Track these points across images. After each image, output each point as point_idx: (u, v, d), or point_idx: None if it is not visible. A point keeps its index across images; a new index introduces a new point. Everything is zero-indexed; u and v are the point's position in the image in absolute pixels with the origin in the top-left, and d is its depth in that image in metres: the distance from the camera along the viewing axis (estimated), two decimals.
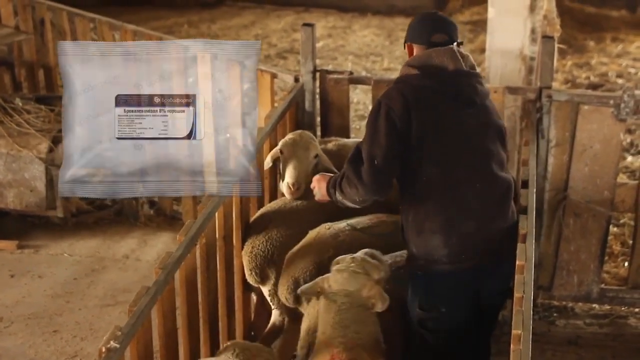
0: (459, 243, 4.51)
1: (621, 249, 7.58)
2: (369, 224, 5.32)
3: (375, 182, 4.48)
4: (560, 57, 11.66)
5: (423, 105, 4.49)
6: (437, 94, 4.53)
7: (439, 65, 4.54)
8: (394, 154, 4.46)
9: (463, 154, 4.53)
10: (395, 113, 4.45)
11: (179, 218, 8.28)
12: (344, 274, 4.42)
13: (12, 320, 6.75)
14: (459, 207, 4.51)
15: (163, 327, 4.43)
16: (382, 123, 4.46)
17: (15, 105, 7.92)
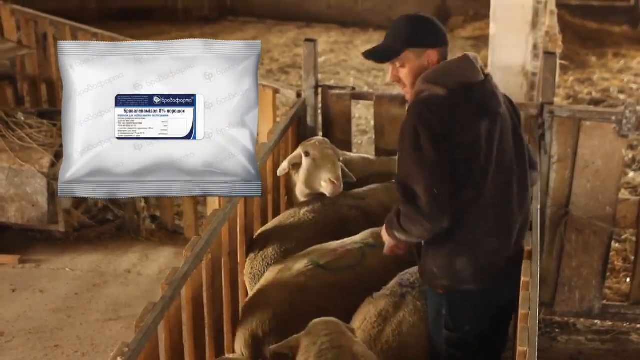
0: (484, 263, 4.45)
1: (623, 265, 7.58)
2: (333, 257, 5.12)
3: (439, 212, 4.27)
4: (562, 72, 11.67)
5: (459, 127, 4.30)
6: (469, 111, 4.33)
7: (464, 81, 4.35)
8: (447, 176, 4.28)
9: (491, 173, 4.39)
10: (438, 136, 4.24)
11: (181, 232, 8.28)
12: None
13: (14, 335, 6.74)
14: (485, 228, 4.43)
15: (170, 343, 4.43)
16: (428, 150, 4.25)
17: (17, 119, 7.94)
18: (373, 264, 5.11)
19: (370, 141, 9.67)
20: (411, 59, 4.43)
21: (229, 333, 5.27)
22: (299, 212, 5.70)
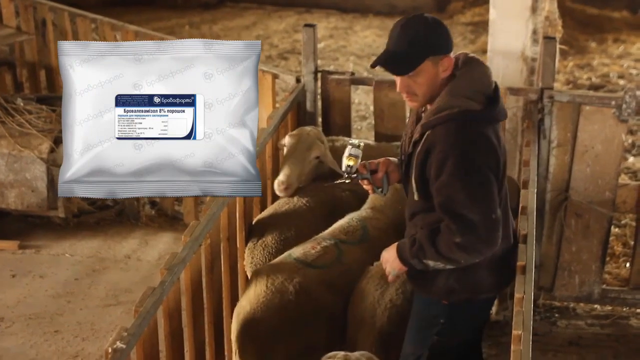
0: (502, 269, 4.44)
1: (623, 250, 7.59)
2: (314, 254, 5.00)
3: (497, 236, 4.15)
4: (561, 58, 11.66)
5: (498, 143, 4.18)
6: (497, 125, 4.23)
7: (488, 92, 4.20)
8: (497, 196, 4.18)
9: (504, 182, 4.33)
10: (487, 157, 4.13)
11: (180, 218, 8.28)
12: None
13: (13, 320, 6.75)
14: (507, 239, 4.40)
15: (169, 328, 4.43)
16: (481, 174, 4.10)
17: (16, 105, 7.92)
18: (351, 260, 5.05)
19: (370, 126, 9.66)
20: (429, 68, 4.15)
21: (228, 318, 5.28)
22: (293, 199, 5.69)
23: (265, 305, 4.68)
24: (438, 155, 4.10)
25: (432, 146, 4.14)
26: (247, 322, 4.71)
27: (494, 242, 4.14)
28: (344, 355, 3.99)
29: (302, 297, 4.73)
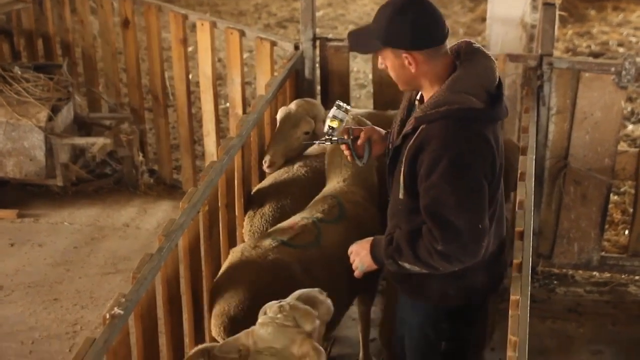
0: (497, 271, 4.31)
1: (621, 217, 7.59)
2: (291, 234, 4.87)
3: (481, 247, 3.91)
4: (561, 26, 11.61)
5: (497, 146, 3.95)
6: (496, 125, 3.99)
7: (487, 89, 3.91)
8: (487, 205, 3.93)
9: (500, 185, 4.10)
10: (483, 161, 3.87)
11: (179, 187, 8.27)
12: (269, 329, 3.81)
13: (13, 289, 6.76)
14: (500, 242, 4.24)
15: (167, 294, 4.44)
16: (474, 178, 3.85)
17: (14, 73, 7.90)
18: (330, 241, 4.92)
19: (369, 95, 9.63)
20: (391, 57, 3.93)
21: None
22: (292, 168, 5.68)
23: (238, 280, 4.58)
24: (431, 154, 3.82)
25: (426, 142, 3.85)
26: (218, 293, 4.60)
27: (477, 253, 3.91)
28: (278, 305, 3.90)
29: (278, 272, 4.60)
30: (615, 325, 6.38)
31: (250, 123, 5.43)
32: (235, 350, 3.83)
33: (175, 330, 4.59)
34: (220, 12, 13.66)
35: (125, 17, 8.05)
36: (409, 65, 3.89)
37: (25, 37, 9.42)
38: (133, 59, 8.22)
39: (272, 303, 3.93)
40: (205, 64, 7.39)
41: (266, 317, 3.87)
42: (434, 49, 3.89)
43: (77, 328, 6.31)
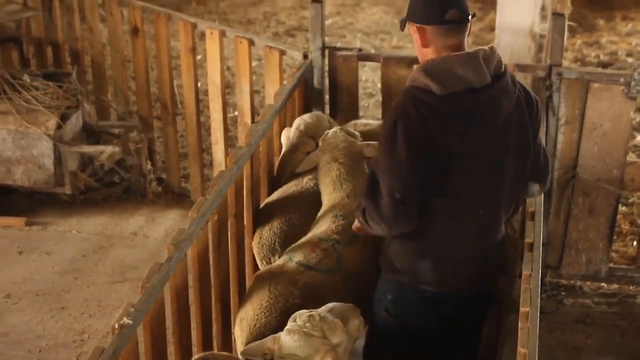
0: (450, 270, 4.28)
1: (630, 228, 7.57)
2: (315, 257, 4.79)
3: (398, 217, 4.06)
4: (570, 35, 11.61)
5: (443, 133, 3.98)
6: (460, 119, 4.01)
7: (463, 80, 3.98)
8: (417, 183, 4.02)
9: (474, 184, 4.13)
10: (418, 140, 3.95)
11: (187, 195, 8.27)
12: (295, 336, 3.89)
13: (20, 297, 6.77)
14: (457, 236, 4.22)
15: (175, 304, 4.43)
16: (402, 149, 3.96)
17: (23, 81, 7.91)
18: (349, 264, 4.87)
19: (377, 104, 9.64)
20: (411, 32, 4.15)
21: (235, 294, 5.28)
22: (302, 181, 5.66)
23: (268, 310, 4.51)
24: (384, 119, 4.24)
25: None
26: (250, 327, 4.54)
27: (395, 223, 4.08)
28: (308, 314, 3.97)
29: (309, 300, 4.53)
30: (624, 337, 6.37)
31: (260, 132, 5.43)
32: (260, 353, 3.91)
33: (184, 340, 4.58)
34: (229, 21, 13.68)
35: (135, 25, 8.06)
36: (417, 39, 4.09)
37: (35, 44, 9.44)
38: (142, 67, 8.23)
39: (303, 311, 4.01)
40: (214, 73, 7.40)
41: (294, 324, 3.93)
42: (439, 29, 4.03)
43: (85, 337, 6.32)
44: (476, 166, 4.11)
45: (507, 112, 4.10)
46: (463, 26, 4.06)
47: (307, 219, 5.24)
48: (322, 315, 3.99)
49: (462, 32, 4.07)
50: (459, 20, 4.02)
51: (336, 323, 3.99)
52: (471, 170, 4.10)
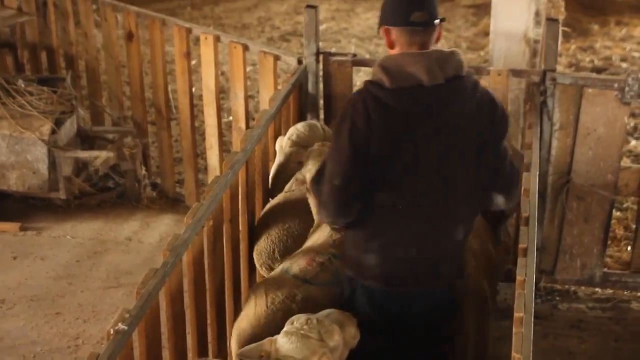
0: (394, 267, 4.30)
1: (624, 233, 7.58)
2: (312, 270, 4.75)
3: (335, 205, 4.20)
4: (564, 40, 11.63)
5: (385, 127, 4.08)
6: (404, 117, 4.10)
7: (413, 77, 4.06)
8: (356, 174, 4.12)
9: (418, 182, 4.17)
10: (358, 131, 4.07)
11: (182, 200, 8.27)
12: (292, 338, 3.92)
13: (14, 302, 6.76)
14: (402, 233, 4.24)
15: (171, 309, 4.43)
16: (345, 139, 4.11)
17: (17, 86, 7.91)
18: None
19: None
20: (387, 37, 4.24)
21: (230, 300, 5.29)
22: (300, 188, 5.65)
23: (267, 326, 4.48)
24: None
25: None
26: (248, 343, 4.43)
27: (332, 210, 4.23)
28: (306, 317, 4.01)
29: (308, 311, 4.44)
30: (618, 342, 6.37)
31: (255, 138, 5.43)
32: (257, 355, 3.93)
33: (179, 345, 4.58)
34: (223, 26, 13.68)
35: (129, 31, 8.06)
36: (385, 40, 4.22)
37: (29, 49, 9.44)
38: (137, 72, 8.23)
39: (301, 315, 4.03)
40: (209, 78, 7.40)
41: (292, 327, 3.97)
42: (404, 30, 4.14)
43: (79, 342, 6.31)
44: (420, 164, 4.15)
45: (458, 114, 4.15)
46: (429, 29, 4.15)
47: (306, 226, 5.24)
48: (320, 319, 4.01)
49: (427, 34, 4.16)
50: (424, 22, 4.12)
51: (333, 327, 4.01)
52: (414, 167, 4.15)
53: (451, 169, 4.20)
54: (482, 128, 4.21)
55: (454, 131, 4.16)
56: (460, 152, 4.19)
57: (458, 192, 4.24)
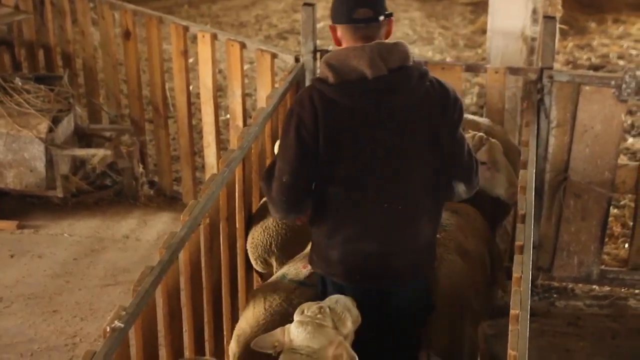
0: (355, 262, 4.32)
1: (621, 231, 7.58)
2: (306, 272, 4.78)
3: (284, 202, 4.29)
4: (561, 38, 11.62)
5: (333, 122, 4.14)
6: (351, 111, 4.15)
7: (356, 71, 4.10)
8: (304, 171, 4.22)
9: (371, 175, 4.21)
10: (305, 127, 4.14)
11: (179, 198, 8.27)
12: (308, 327, 3.93)
13: (12, 300, 6.76)
14: (360, 228, 4.27)
15: (167, 307, 4.43)
16: (292, 136, 4.18)
17: (15, 85, 7.91)
18: None
19: None
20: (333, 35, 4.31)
21: (227, 297, 5.28)
22: None
23: (265, 328, 4.49)
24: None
25: None
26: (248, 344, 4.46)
27: (281, 206, 4.31)
28: (318, 306, 4.04)
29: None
30: (615, 339, 6.37)
31: (252, 135, 5.43)
32: (270, 345, 3.97)
33: (176, 343, 4.58)
34: (221, 24, 13.66)
35: (126, 29, 8.06)
36: (332, 37, 4.29)
37: (26, 48, 9.43)
38: (134, 70, 8.23)
39: (311, 303, 4.07)
40: (206, 76, 7.40)
41: (305, 315, 3.98)
42: (348, 27, 4.18)
43: (77, 340, 6.31)
44: (369, 156, 4.19)
45: (405, 105, 4.18)
46: (373, 25, 4.17)
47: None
48: (332, 307, 4.04)
49: (371, 30, 4.18)
50: (367, 19, 4.15)
51: (345, 314, 4.06)
52: (364, 160, 4.20)
53: (403, 160, 4.23)
54: (434, 117, 4.22)
55: (402, 122, 4.20)
56: (411, 142, 4.22)
57: (414, 182, 4.27)
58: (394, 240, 4.32)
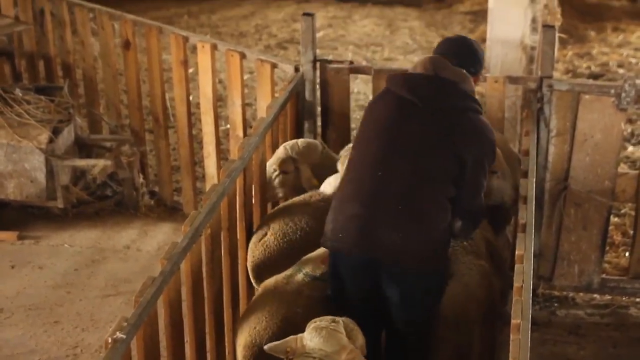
0: (341, 221, 4.59)
1: (622, 239, 7.58)
2: (322, 268, 4.86)
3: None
4: (561, 46, 11.65)
5: (375, 99, 4.92)
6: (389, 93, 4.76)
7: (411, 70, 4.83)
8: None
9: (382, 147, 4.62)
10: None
11: (180, 208, 8.27)
12: (323, 332, 3.99)
13: (13, 311, 6.75)
14: (353, 189, 4.61)
15: (169, 318, 4.43)
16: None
17: (15, 95, 7.92)
18: None
19: None
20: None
21: (229, 308, 5.28)
22: (309, 198, 5.61)
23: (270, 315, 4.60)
24: None
25: None
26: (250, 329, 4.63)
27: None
28: (331, 318, 4.09)
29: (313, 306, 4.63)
30: (616, 348, 6.37)
31: (252, 146, 5.43)
32: (283, 351, 4.02)
33: (177, 354, 4.57)
34: (220, 34, 13.70)
35: (126, 39, 8.07)
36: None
37: (27, 58, 9.44)
38: (134, 80, 8.24)
39: (324, 317, 4.12)
40: (206, 86, 7.41)
41: (320, 323, 4.04)
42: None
43: (78, 351, 6.30)
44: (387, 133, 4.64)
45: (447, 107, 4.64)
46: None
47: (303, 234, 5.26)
48: (345, 320, 4.12)
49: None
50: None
51: (357, 329, 4.14)
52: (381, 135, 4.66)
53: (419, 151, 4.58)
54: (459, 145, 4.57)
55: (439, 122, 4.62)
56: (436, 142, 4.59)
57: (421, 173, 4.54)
58: (378, 206, 4.52)
